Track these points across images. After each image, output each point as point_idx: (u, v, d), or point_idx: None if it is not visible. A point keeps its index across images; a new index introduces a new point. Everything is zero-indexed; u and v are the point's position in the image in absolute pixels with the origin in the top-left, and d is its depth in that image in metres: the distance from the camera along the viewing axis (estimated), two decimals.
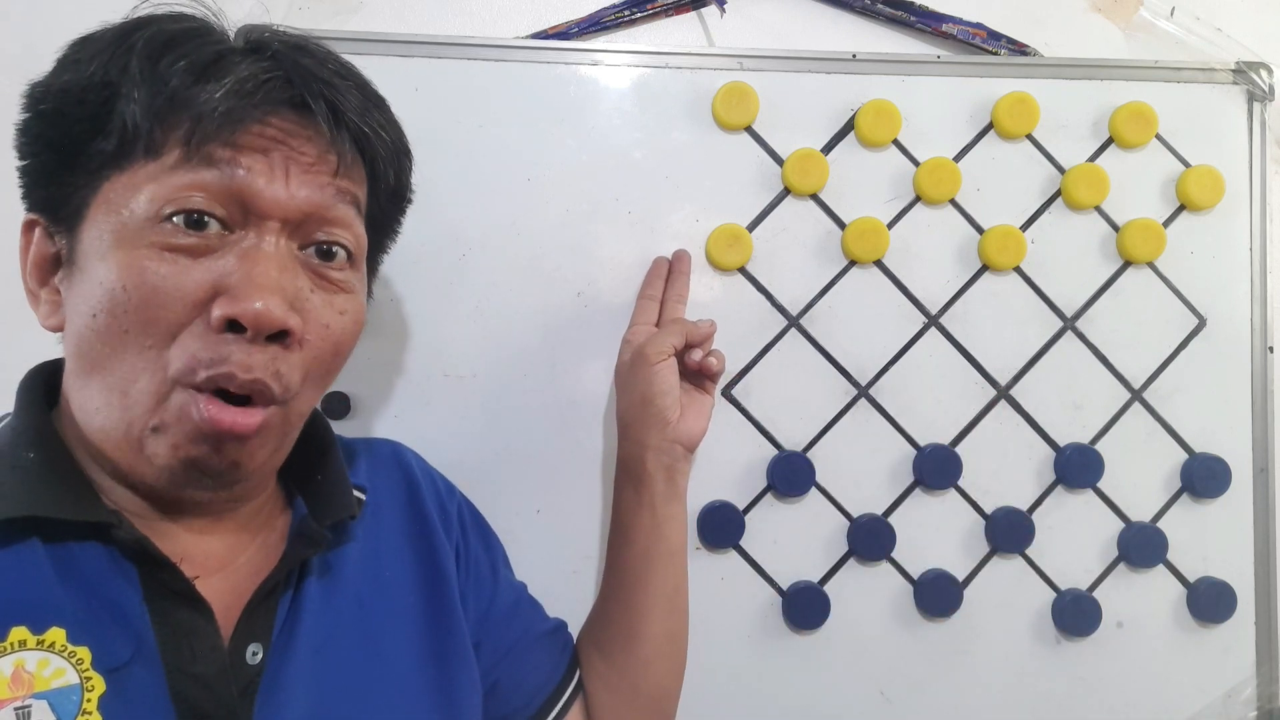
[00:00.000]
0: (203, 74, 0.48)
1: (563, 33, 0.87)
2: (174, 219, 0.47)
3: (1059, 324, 0.89)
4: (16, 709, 0.44)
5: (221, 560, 0.54)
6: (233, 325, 0.47)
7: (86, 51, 0.50)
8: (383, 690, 0.56)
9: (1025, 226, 0.88)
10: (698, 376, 0.76)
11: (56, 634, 0.46)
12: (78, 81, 0.49)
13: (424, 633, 0.60)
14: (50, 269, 0.52)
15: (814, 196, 0.87)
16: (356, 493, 0.61)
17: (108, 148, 0.49)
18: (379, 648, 0.57)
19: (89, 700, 0.45)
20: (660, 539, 0.72)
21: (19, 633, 0.45)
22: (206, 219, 0.48)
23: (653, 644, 0.71)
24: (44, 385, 0.54)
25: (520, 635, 0.69)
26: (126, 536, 0.48)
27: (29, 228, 0.53)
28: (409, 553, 0.63)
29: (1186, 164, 0.90)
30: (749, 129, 0.86)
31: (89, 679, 0.46)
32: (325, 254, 0.52)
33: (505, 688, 0.67)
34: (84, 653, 0.46)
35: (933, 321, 0.88)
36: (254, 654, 0.51)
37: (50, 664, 0.45)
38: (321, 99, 0.51)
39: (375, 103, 0.56)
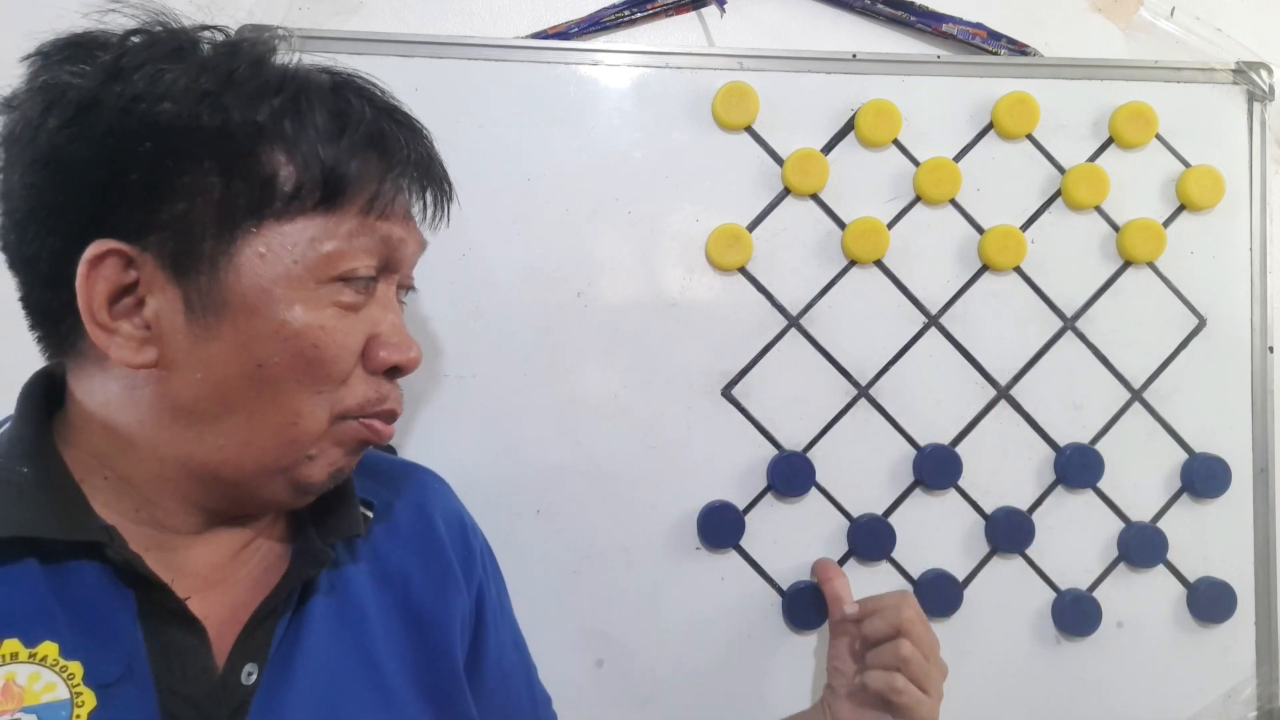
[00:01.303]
0: (367, 144, 0.52)
1: (563, 33, 0.87)
2: (349, 278, 0.51)
3: (1059, 324, 0.89)
4: None
5: (221, 574, 0.54)
6: (393, 370, 0.55)
7: (224, 93, 0.48)
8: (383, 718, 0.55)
9: (1025, 226, 0.88)
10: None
11: (49, 648, 0.46)
12: (219, 124, 0.47)
13: (423, 666, 0.59)
14: (119, 300, 0.48)
15: (814, 196, 0.87)
16: (363, 509, 0.60)
17: (262, 195, 0.48)
18: (381, 675, 0.56)
19: (78, 715, 0.45)
20: None
21: (11, 645, 0.45)
22: (371, 280, 0.53)
23: None
24: (45, 392, 0.53)
25: (505, 703, 0.68)
26: (116, 557, 0.48)
27: (98, 260, 0.47)
28: (416, 582, 0.62)
29: (1186, 164, 0.90)
30: (749, 129, 0.86)
31: (79, 694, 0.46)
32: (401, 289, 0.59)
33: None
34: (76, 668, 0.46)
35: (933, 321, 0.88)
36: (249, 674, 0.51)
37: (41, 678, 0.45)
38: (438, 169, 0.59)
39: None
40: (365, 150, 0.52)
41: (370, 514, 0.61)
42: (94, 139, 0.46)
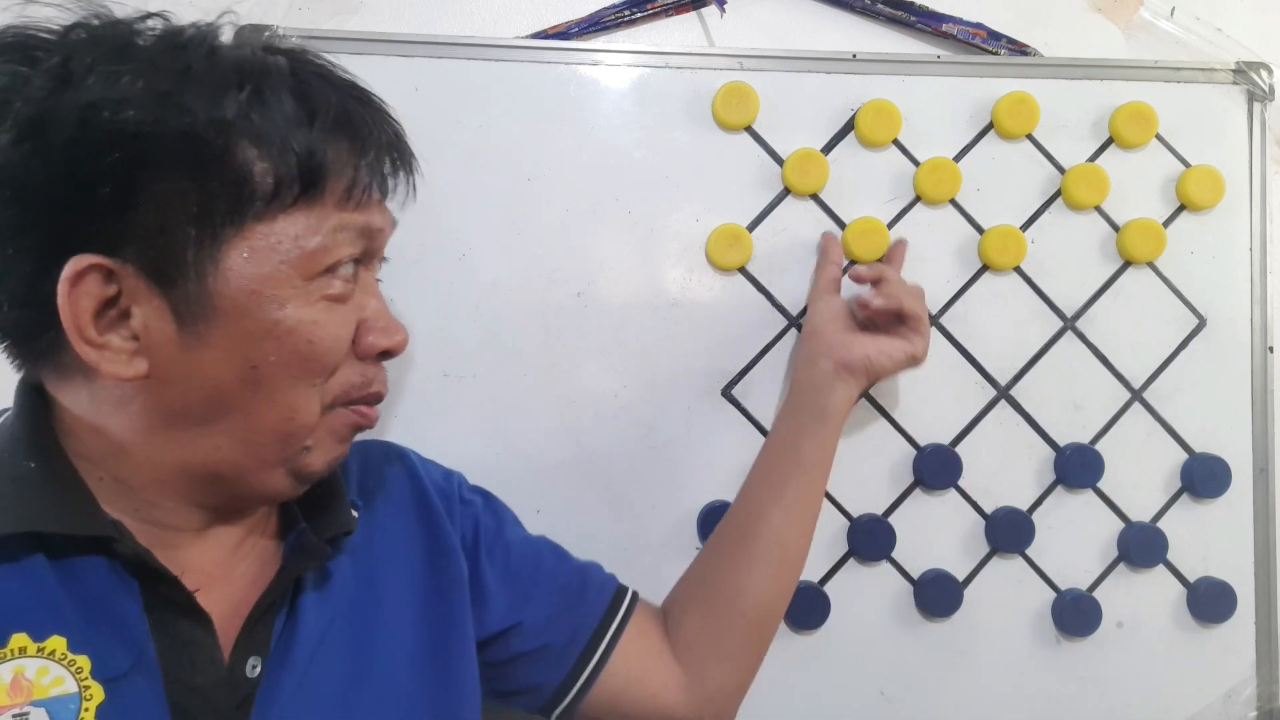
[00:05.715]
0: (338, 129, 0.50)
1: (563, 33, 0.87)
2: (335, 270, 0.51)
3: (1059, 324, 0.89)
4: (15, 715, 0.44)
5: (221, 570, 0.54)
6: (383, 354, 0.55)
7: (186, 92, 0.45)
8: (373, 699, 0.56)
9: (1025, 226, 0.88)
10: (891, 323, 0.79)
11: (57, 642, 0.46)
12: (186, 126, 0.45)
13: (422, 635, 0.60)
14: (103, 313, 0.46)
15: (814, 196, 0.87)
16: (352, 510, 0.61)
17: (240, 195, 0.46)
18: (371, 657, 0.57)
19: (87, 709, 0.45)
20: (793, 448, 0.76)
21: (20, 639, 0.45)
22: (354, 266, 0.53)
23: (763, 544, 0.72)
24: (39, 392, 0.53)
25: (548, 593, 0.69)
26: (126, 551, 0.48)
27: (78, 278, 0.45)
28: (408, 557, 0.63)
29: (1186, 164, 0.90)
30: (749, 129, 0.86)
31: (87, 688, 0.46)
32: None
33: (549, 652, 0.67)
34: (84, 661, 0.46)
35: (933, 321, 0.88)
36: (253, 667, 0.51)
37: (50, 672, 0.45)
38: (407, 146, 0.57)
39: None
40: (336, 137, 0.50)
41: (357, 514, 0.61)
42: (51, 155, 0.44)
